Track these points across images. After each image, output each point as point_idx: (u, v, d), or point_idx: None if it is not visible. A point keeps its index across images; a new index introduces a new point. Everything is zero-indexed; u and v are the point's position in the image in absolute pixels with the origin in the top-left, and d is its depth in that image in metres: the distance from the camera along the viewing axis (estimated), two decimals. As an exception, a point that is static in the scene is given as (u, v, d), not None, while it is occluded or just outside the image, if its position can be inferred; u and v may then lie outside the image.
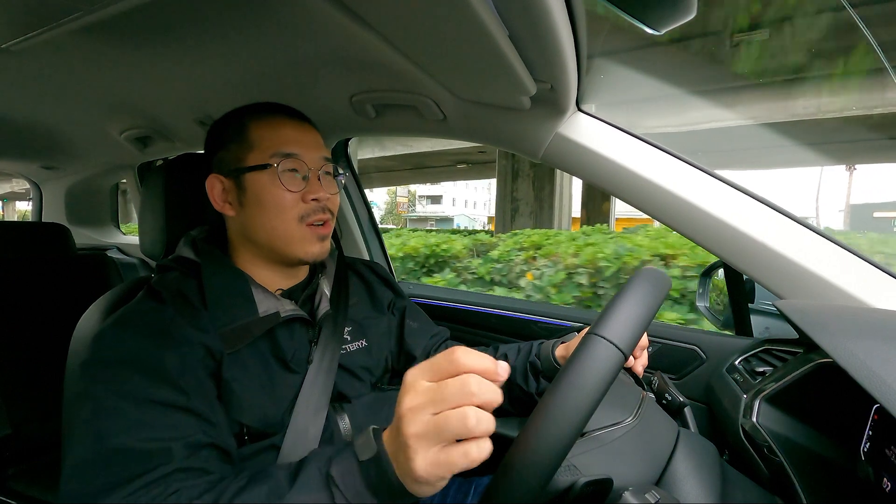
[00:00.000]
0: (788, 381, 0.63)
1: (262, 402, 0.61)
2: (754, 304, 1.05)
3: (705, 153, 9.03)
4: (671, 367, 0.98)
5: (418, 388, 0.38)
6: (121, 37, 0.73)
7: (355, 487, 0.40)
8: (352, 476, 0.41)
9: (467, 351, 0.38)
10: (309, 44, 0.73)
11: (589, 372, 0.39)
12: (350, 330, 0.75)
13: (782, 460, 0.59)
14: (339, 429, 0.67)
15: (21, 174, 2.03)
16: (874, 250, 2.86)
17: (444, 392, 0.37)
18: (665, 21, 0.60)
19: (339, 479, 0.41)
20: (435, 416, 0.37)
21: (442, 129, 0.98)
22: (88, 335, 0.69)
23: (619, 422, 0.59)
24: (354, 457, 0.42)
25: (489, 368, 0.38)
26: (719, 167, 0.87)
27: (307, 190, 0.65)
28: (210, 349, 0.58)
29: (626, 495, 0.41)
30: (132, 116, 1.18)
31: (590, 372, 0.39)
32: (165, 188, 0.75)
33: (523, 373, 0.75)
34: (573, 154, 0.84)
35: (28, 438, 1.27)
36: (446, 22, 0.55)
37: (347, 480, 0.41)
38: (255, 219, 0.65)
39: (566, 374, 0.39)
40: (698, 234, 0.77)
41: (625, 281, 0.58)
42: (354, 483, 0.41)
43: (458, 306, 1.33)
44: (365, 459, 0.41)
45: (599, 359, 0.39)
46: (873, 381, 0.44)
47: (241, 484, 0.46)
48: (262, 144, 0.65)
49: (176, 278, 0.64)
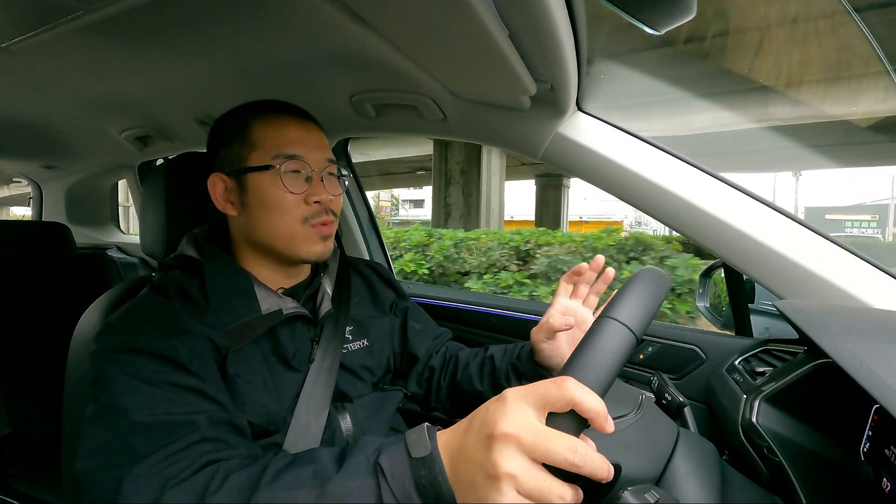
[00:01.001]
0: (788, 381, 0.63)
1: (265, 400, 0.61)
2: (754, 304, 1.05)
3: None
4: (671, 367, 0.98)
5: (523, 415, 0.35)
6: (121, 37, 0.73)
7: (403, 482, 0.38)
8: (401, 469, 0.39)
9: (579, 385, 0.35)
10: (309, 43, 0.73)
11: (603, 351, 0.39)
12: (352, 329, 0.75)
13: (782, 460, 0.59)
14: (341, 428, 0.67)
15: (21, 173, 2.03)
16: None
17: (551, 444, 0.33)
18: (665, 21, 0.60)
19: (388, 469, 0.39)
20: (533, 465, 0.34)
21: (442, 129, 0.98)
22: (89, 334, 0.69)
23: (623, 415, 0.59)
24: (406, 450, 0.40)
25: (601, 412, 0.35)
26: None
27: (310, 192, 0.65)
28: (216, 343, 0.59)
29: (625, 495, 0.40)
30: (132, 116, 1.18)
31: (604, 351, 0.39)
32: (166, 187, 0.75)
33: (506, 374, 0.75)
34: (573, 154, 0.84)
35: (28, 438, 1.27)
36: (446, 21, 0.55)
37: (396, 472, 0.39)
38: (258, 219, 0.65)
39: (581, 351, 0.39)
40: (698, 234, 0.77)
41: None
42: (403, 477, 0.39)
43: (458, 306, 1.33)
44: (417, 457, 0.39)
45: (613, 338, 0.40)
46: (873, 381, 0.44)
47: (284, 462, 0.44)
48: (264, 144, 0.65)
49: (178, 276, 0.64)
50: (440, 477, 0.37)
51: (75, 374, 0.69)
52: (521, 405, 0.36)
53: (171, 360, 0.53)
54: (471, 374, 0.78)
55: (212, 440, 0.49)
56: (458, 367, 0.81)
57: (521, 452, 0.34)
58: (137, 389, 0.50)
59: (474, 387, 0.77)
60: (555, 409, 0.35)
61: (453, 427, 0.40)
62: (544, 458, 0.34)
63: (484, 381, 0.76)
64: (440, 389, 0.82)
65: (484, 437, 0.35)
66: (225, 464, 0.46)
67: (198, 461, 0.46)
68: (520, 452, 0.34)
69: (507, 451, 0.34)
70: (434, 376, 0.83)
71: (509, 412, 0.35)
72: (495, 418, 0.35)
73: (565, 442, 0.33)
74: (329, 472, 0.41)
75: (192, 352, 0.55)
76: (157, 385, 0.51)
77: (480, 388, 0.76)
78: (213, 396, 0.54)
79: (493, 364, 0.77)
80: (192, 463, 0.46)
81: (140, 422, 0.48)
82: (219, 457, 0.47)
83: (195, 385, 0.53)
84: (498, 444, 0.34)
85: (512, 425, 0.34)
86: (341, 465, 0.42)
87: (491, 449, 0.34)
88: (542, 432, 0.34)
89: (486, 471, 0.34)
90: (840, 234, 16.12)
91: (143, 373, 0.52)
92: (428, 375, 0.84)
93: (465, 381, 0.78)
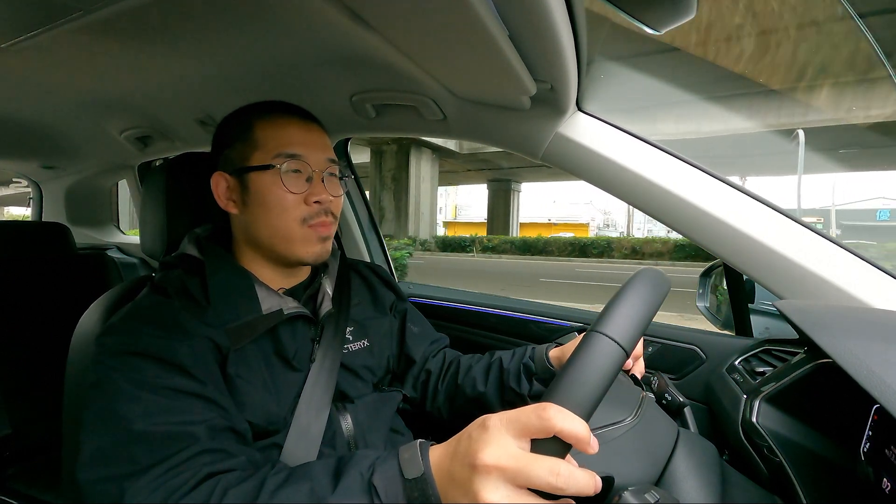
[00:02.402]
0: (788, 381, 0.63)
1: (265, 400, 0.61)
2: (754, 304, 1.05)
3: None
4: (671, 367, 0.98)
5: (503, 445, 0.35)
6: (121, 36, 0.73)
7: (397, 501, 0.39)
8: (394, 489, 0.40)
9: (561, 411, 0.35)
10: (309, 43, 0.73)
11: (591, 368, 0.39)
12: (352, 330, 0.75)
13: (782, 460, 0.59)
14: (342, 428, 0.67)
15: (21, 173, 2.03)
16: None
17: (532, 471, 0.34)
18: (665, 21, 0.60)
19: (382, 489, 0.40)
20: (518, 491, 0.34)
21: (442, 129, 0.98)
22: (89, 334, 0.69)
23: (619, 421, 0.59)
24: (399, 470, 0.40)
25: (582, 437, 0.35)
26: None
27: (310, 192, 0.65)
28: (217, 344, 0.59)
29: (625, 495, 0.40)
30: (132, 116, 1.18)
31: (592, 368, 0.39)
32: (166, 187, 0.75)
33: (516, 375, 0.75)
34: (573, 154, 0.84)
35: (28, 438, 1.27)
36: (446, 22, 0.55)
37: (389, 492, 0.40)
38: (258, 218, 0.65)
39: (568, 370, 0.39)
40: (698, 234, 0.77)
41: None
42: (396, 497, 0.39)
43: (458, 306, 1.33)
44: (410, 478, 0.39)
45: (601, 355, 0.39)
46: (873, 381, 0.44)
47: (281, 478, 0.45)
48: (266, 144, 0.65)
49: (179, 275, 0.64)
50: (433, 498, 0.38)
51: (75, 375, 0.69)
52: (501, 433, 0.36)
53: (172, 364, 0.53)
54: (474, 377, 0.78)
55: (211, 451, 0.49)
56: (460, 371, 0.81)
57: (504, 481, 0.34)
58: (137, 396, 0.50)
59: (477, 390, 0.77)
60: (536, 436, 0.36)
61: (444, 446, 0.41)
62: (527, 484, 0.34)
63: (489, 384, 0.76)
64: (437, 394, 0.83)
65: (467, 466, 0.36)
66: (224, 478, 0.46)
67: (198, 474, 0.46)
68: (503, 482, 0.34)
69: (490, 482, 0.34)
70: (430, 380, 0.83)
71: (490, 442, 0.36)
72: (477, 447, 0.36)
73: (547, 465, 0.34)
74: (325, 490, 0.42)
75: (194, 354, 0.55)
76: (157, 391, 0.51)
77: (483, 390, 0.76)
78: (214, 400, 0.54)
79: (500, 366, 0.77)
80: (193, 476, 0.46)
81: (141, 431, 0.48)
82: (219, 468, 0.48)
83: (196, 390, 0.53)
84: (480, 475, 0.35)
85: (492, 456, 0.35)
86: (337, 482, 0.42)
87: (474, 480, 0.35)
88: (523, 459, 0.34)
89: (471, 498, 0.35)
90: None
91: (143, 377, 0.52)
92: (424, 379, 0.84)
93: (468, 384, 0.78)
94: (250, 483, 0.45)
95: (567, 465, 0.34)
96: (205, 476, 0.47)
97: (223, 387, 0.57)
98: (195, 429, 0.50)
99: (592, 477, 0.35)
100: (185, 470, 0.47)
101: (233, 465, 0.49)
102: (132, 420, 0.49)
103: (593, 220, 30.11)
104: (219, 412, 0.54)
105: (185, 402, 0.52)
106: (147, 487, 0.45)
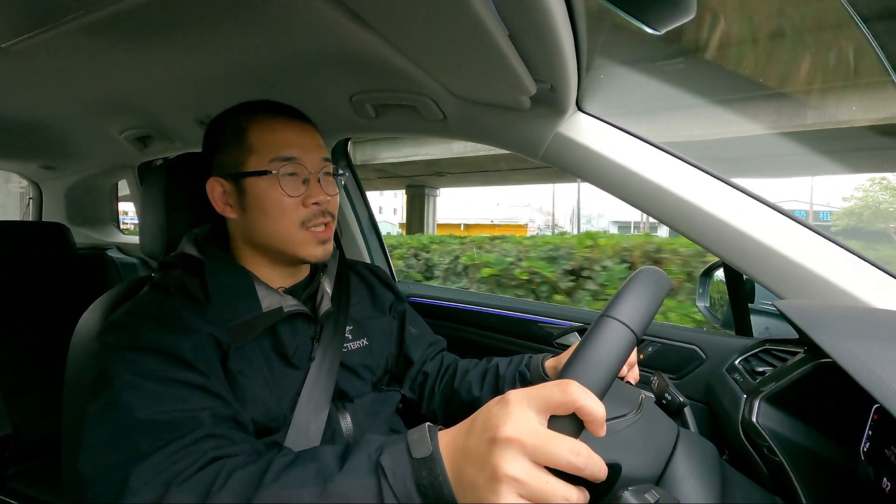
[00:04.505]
0: (788, 381, 0.63)
1: (265, 397, 0.61)
2: (754, 304, 1.05)
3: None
4: (671, 367, 0.98)
5: (525, 419, 0.35)
6: (121, 37, 0.73)
7: (404, 482, 0.38)
8: (402, 469, 0.39)
9: (581, 388, 0.35)
10: (309, 43, 0.73)
11: (604, 350, 0.39)
12: (351, 329, 0.75)
13: (782, 460, 0.59)
14: (341, 427, 0.68)
15: (21, 174, 2.03)
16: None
17: (554, 447, 0.34)
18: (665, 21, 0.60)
19: (389, 469, 0.39)
20: (536, 468, 0.34)
21: (442, 129, 0.97)
22: (89, 334, 0.69)
23: (623, 415, 0.59)
24: (407, 450, 0.40)
25: (599, 416, 0.35)
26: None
27: (307, 194, 0.65)
28: (218, 340, 0.59)
29: (625, 495, 0.40)
30: (132, 116, 1.18)
31: (605, 350, 0.39)
32: (166, 187, 0.75)
33: (512, 382, 0.75)
34: (573, 154, 0.84)
35: (28, 438, 1.27)
36: (446, 21, 0.55)
37: (397, 472, 0.39)
38: (257, 222, 0.65)
39: (583, 351, 0.40)
40: (698, 234, 0.77)
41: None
42: (404, 477, 0.39)
43: (458, 306, 1.33)
44: (419, 457, 0.39)
45: (614, 338, 0.40)
46: (873, 381, 0.44)
47: (287, 460, 0.44)
48: (261, 149, 0.65)
49: (179, 275, 0.64)
50: (441, 477, 0.37)
51: (75, 374, 0.69)
52: (523, 408, 0.36)
53: (174, 357, 0.53)
54: (470, 382, 0.79)
55: (216, 437, 0.49)
56: (457, 375, 0.81)
57: (524, 455, 0.34)
58: (141, 387, 0.50)
59: (472, 394, 0.77)
60: (557, 412, 0.35)
61: (455, 427, 0.40)
62: (547, 462, 0.34)
63: (484, 389, 0.77)
64: (433, 396, 0.83)
65: (486, 440, 0.35)
66: (229, 461, 0.46)
67: (202, 458, 0.46)
68: (522, 455, 0.34)
69: (509, 454, 0.34)
70: (427, 382, 0.84)
71: (512, 415, 0.35)
72: (498, 421, 0.35)
73: (568, 445, 0.34)
74: (331, 470, 0.41)
75: (196, 348, 0.55)
76: (161, 382, 0.51)
77: (479, 395, 0.77)
78: (216, 392, 0.54)
79: (496, 372, 0.78)
80: (197, 460, 0.46)
81: (144, 419, 0.48)
82: (223, 453, 0.47)
83: (199, 381, 0.53)
84: (500, 447, 0.34)
85: (514, 429, 0.34)
86: (344, 464, 0.42)
87: (493, 452, 0.34)
88: (544, 435, 0.34)
89: (487, 473, 0.34)
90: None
91: (146, 370, 0.52)
92: (421, 381, 0.84)
93: (464, 388, 0.79)
94: (256, 465, 0.44)
95: (586, 447, 0.34)
96: (210, 460, 0.46)
97: (225, 381, 0.57)
98: (200, 415, 0.50)
99: (603, 462, 0.35)
100: (189, 454, 0.46)
101: (237, 451, 0.49)
102: (135, 409, 0.48)
103: (532, 221, 31.43)
104: (222, 403, 0.54)
105: (188, 392, 0.52)
106: (151, 471, 0.44)
